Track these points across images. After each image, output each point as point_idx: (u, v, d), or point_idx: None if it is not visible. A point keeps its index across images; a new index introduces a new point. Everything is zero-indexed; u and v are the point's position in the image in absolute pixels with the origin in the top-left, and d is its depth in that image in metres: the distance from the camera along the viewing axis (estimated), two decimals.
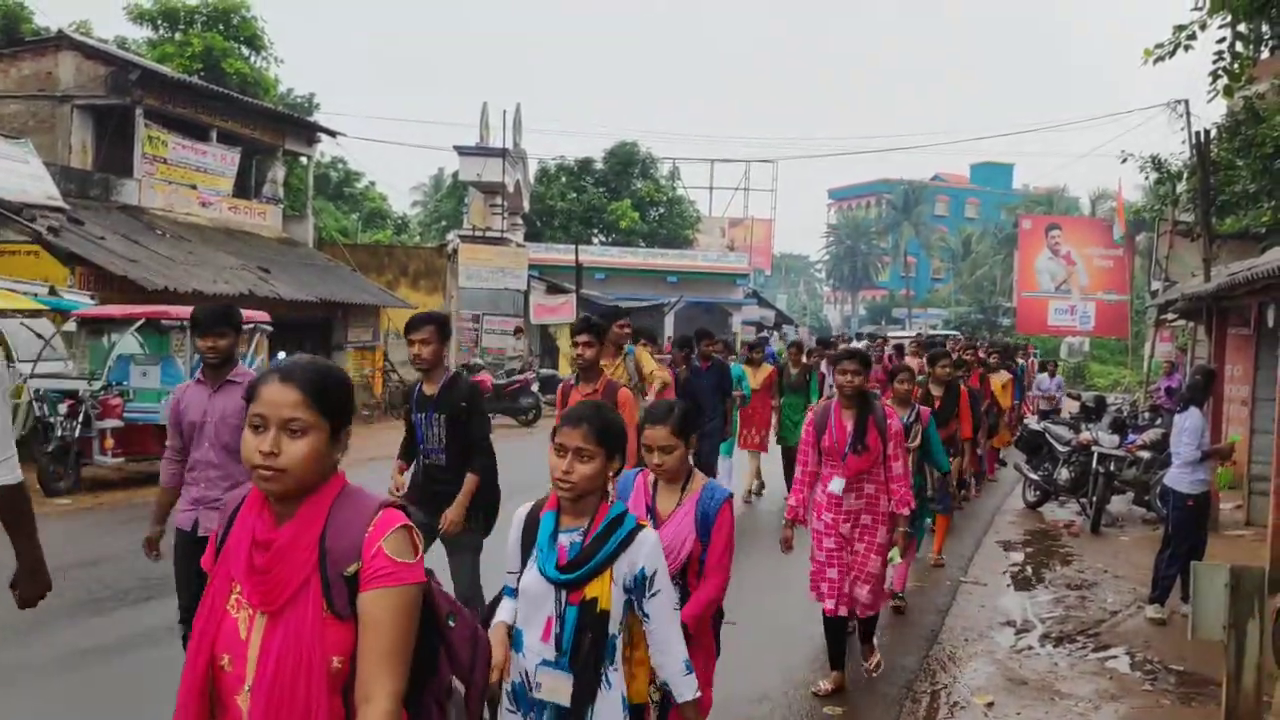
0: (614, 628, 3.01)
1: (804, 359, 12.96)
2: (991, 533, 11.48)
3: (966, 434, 10.02)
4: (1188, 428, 7.90)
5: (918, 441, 7.47)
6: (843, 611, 5.93)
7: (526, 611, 3.05)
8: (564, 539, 3.03)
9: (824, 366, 15.56)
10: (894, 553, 5.93)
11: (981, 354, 15.85)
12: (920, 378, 9.82)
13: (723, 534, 3.69)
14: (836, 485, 5.82)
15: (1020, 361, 21.05)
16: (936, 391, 9.34)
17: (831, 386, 6.61)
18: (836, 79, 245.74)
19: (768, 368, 12.84)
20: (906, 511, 5.91)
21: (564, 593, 2.98)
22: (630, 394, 6.56)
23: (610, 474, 3.05)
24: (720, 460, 11.41)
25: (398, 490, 5.93)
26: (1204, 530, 8.14)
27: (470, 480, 5.55)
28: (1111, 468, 11.67)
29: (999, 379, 14.77)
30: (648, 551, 3.02)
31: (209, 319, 5.10)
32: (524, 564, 3.08)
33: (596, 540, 2.99)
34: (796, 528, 5.89)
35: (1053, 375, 20.29)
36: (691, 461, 3.85)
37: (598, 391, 6.32)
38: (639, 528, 3.05)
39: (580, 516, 3.05)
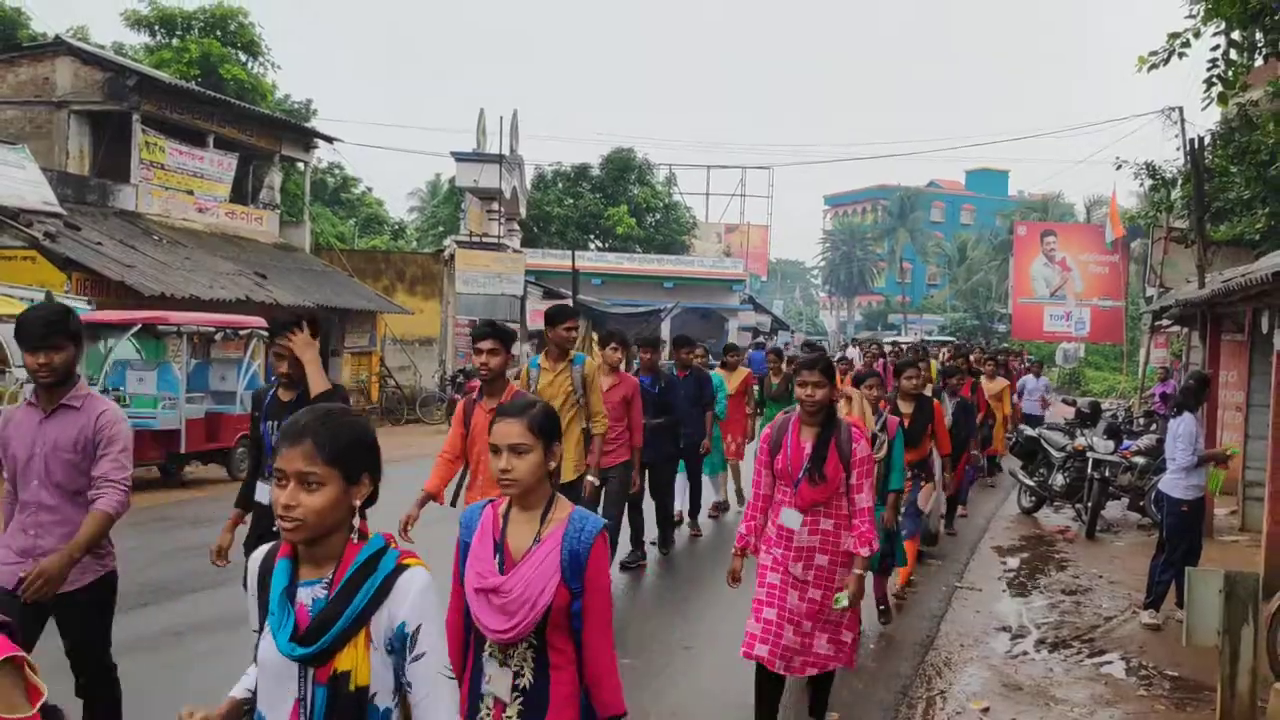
0: (385, 704, 2.31)
1: (784, 366, 12.37)
2: (987, 538, 11.51)
3: (945, 449, 9.11)
4: (1182, 433, 7.92)
5: (883, 452, 6.77)
6: (779, 667, 4.93)
7: (268, 689, 2.34)
8: (303, 595, 2.31)
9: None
10: (840, 597, 4.86)
11: (973, 361, 15.38)
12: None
13: (601, 578, 2.91)
14: (789, 518, 4.91)
15: (1015, 366, 20.92)
16: (905, 408, 8.20)
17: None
18: (833, 86, 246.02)
19: (743, 371, 12.08)
20: (867, 552, 4.90)
21: (309, 669, 2.27)
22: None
23: (355, 503, 2.34)
24: (707, 480, 11.07)
25: (219, 556, 5.04)
26: (1199, 536, 8.15)
27: None
28: (1106, 473, 11.69)
29: (995, 385, 14.48)
30: (412, 600, 2.29)
31: (38, 329, 3.97)
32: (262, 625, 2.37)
33: (343, 593, 2.27)
34: (751, 558, 5.14)
35: (1038, 376, 19.93)
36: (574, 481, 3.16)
37: None
38: (401, 568, 2.31)
39: (322, 564, 2.33)
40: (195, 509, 11.90)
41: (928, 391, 9.35)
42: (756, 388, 12.25)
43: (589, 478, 6.92)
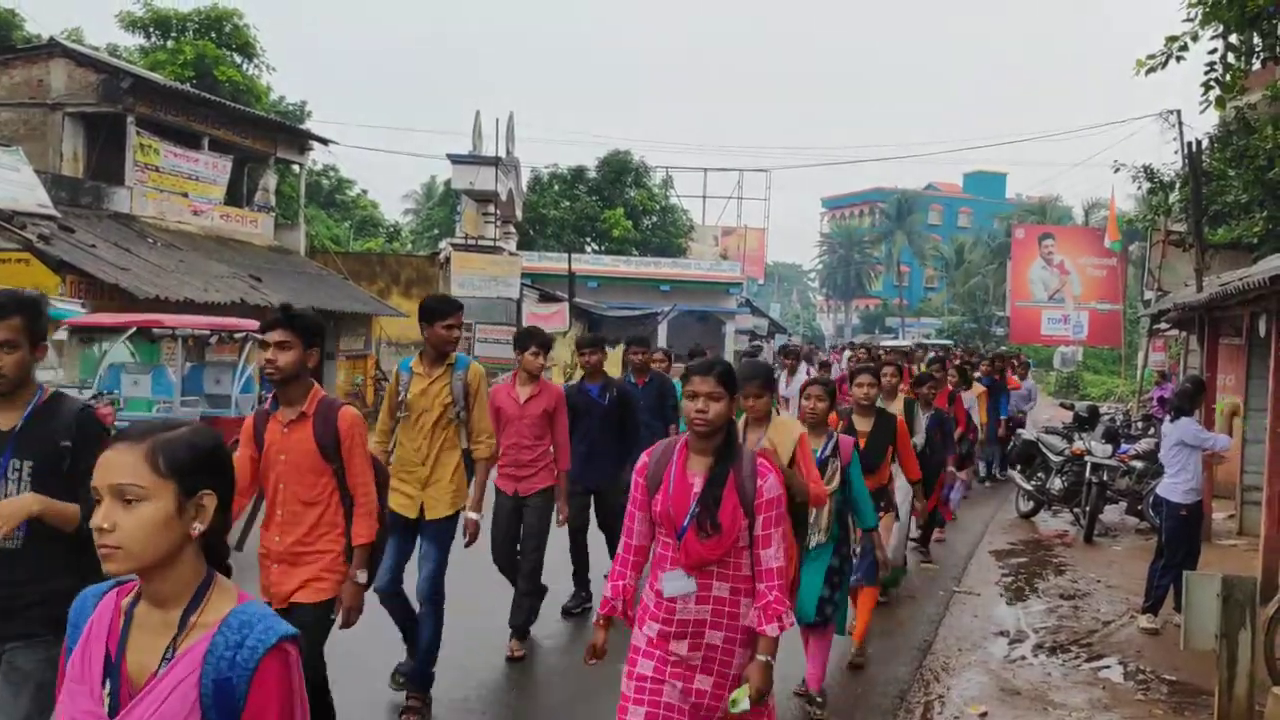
0: None
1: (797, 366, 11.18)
2: (984, 543, 11.48)
3: (913, 474, 7.50)
4: (1180, 435, 7.90)
5: (835, 482, 5.69)
6: None
7: None
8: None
9: (784, 384, 13.92)
10: (738, 694, 3.50)
11: (954, 368, 13.26)
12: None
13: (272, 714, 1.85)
14: (670, 584, 3.58)
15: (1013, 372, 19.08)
16: (861, 426, 6.81)
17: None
18: (830, 88, 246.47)
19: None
20: (775, 630, 3.51)
21: None
22: (357, 416, 4.32)
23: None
24: None
25: None
26: (1197, 540, 8.13)
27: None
28: (1105, 477, 11.66)
29: (970, 392, 12.74)
30: None
31: None
32: None
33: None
34: (622, 627, 3.82)
35: (1024, 378, 18.17)
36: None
37: (306, 417, 4.23)
38: None
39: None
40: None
41: (897, 404, 8.22)
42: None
43: (469, 514, 5.71)
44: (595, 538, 7.74)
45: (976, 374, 14.61)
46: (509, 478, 6.75)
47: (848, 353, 27.69)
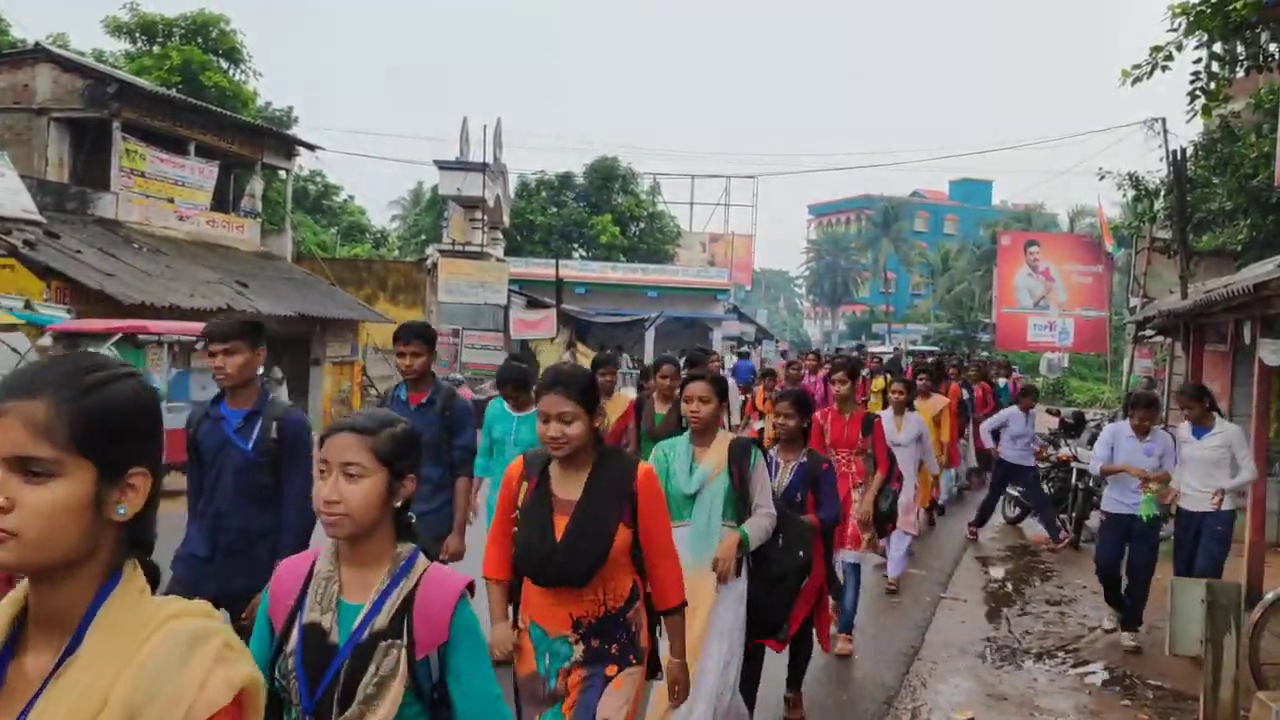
0: None
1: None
2: (971, 548, 11.50)
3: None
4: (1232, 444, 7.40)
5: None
6: None
7: None
8: None
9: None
10: None
11: (926, 379, 11.41)
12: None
13: None
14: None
15: (1002, 382, 18.37)
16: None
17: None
18: (818, 95, 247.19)
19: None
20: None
21: None
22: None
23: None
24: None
25: None
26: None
27: None
28: (1091, 483, 11.70)
29: (931, 404, 10.98)
30: None
31: None
32: None
33: None
34: None
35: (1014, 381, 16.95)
36: None
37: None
38: None
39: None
40: (177, 520, 11.78)
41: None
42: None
43: None
44: None
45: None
46: None
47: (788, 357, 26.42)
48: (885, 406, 10.06)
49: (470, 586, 2.33)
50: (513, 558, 3.44)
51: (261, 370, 4.56)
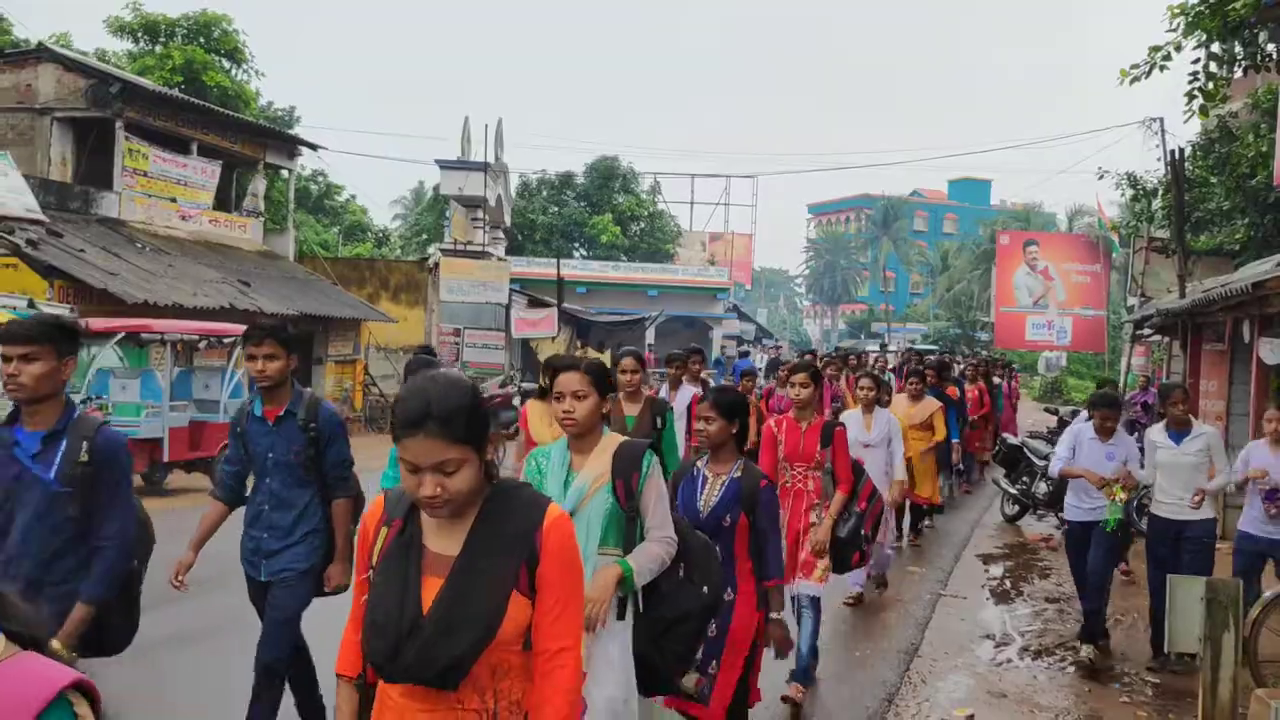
0: None
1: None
2: (970, 546, 11.56)
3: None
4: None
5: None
6: None
7: None
8: None
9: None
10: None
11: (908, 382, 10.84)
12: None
13: None
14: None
15: (996, 380, 17.72)
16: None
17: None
18: (817, 95, 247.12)
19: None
20: None
21: None
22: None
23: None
24: None
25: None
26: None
27: None
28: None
29: (920, 409, 10.41)
30: None
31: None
32: None
33: None
34: None
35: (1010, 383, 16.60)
36: None
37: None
38: None
39: None
40: (178, 518, 11.80)
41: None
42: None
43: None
44: None
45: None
46: None
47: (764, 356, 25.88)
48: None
49: (83, 688, 1.50)
50: (360, 640, 2.39)
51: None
